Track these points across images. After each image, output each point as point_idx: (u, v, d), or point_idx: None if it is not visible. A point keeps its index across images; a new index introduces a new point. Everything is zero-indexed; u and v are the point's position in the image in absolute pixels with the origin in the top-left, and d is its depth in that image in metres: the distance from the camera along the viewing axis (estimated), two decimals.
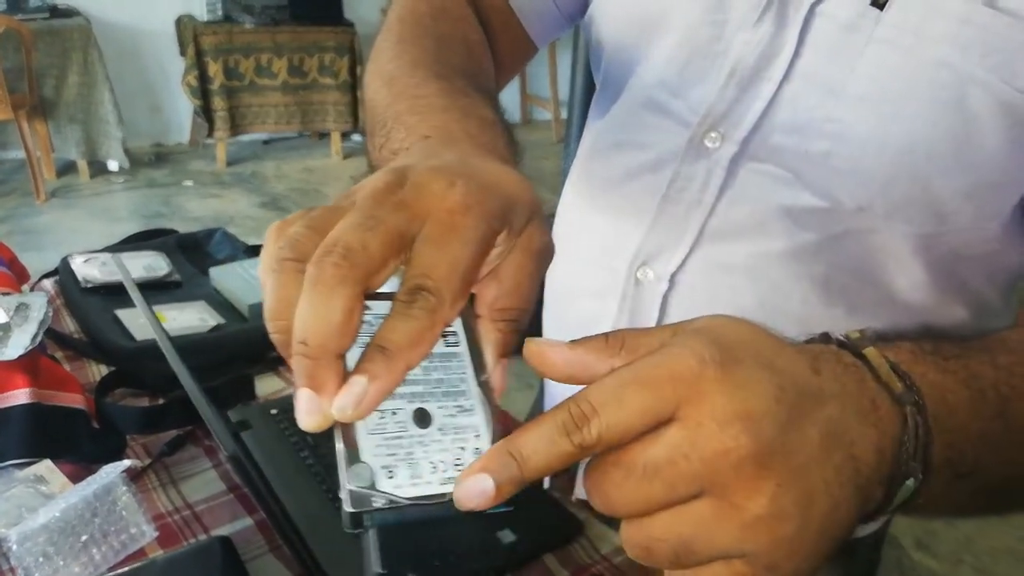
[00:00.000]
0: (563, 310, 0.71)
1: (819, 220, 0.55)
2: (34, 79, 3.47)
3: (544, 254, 0.34)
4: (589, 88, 0.73)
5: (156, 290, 0.98)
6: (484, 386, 0.32)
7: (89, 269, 0.98)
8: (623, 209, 0.63)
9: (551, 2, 0.68)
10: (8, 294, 0.88)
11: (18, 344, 0.77)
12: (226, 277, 0.99)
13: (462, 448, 0.30)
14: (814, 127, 0.53)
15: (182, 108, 4.29)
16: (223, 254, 1.13)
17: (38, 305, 0.85)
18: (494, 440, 0.31)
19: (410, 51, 0.54)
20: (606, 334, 0.31)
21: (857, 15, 0.50)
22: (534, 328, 0.76)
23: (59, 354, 0.87)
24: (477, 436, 0.30)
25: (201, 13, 4.02)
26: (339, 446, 0.29)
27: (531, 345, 0.31)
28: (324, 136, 4.52)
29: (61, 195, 3.70)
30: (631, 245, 0.60)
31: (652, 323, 0.60)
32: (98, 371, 0.85)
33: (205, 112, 4.00)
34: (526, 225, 0.33)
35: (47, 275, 1.04)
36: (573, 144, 1.77)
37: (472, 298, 0.33)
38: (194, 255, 1.11)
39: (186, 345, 0.84)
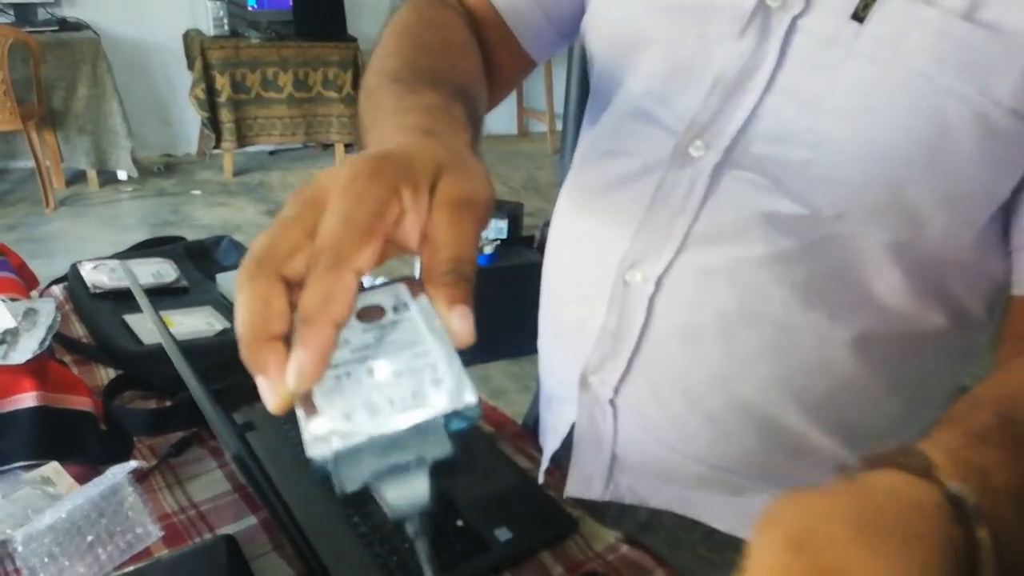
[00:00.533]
0: (557, 314, 0.72)
1: (799, 226, 0.56)
2: (43, 90, 3.51)
3: (466, 203, 0.35)
4: (583, 101, 0.74)
5: (164, 296, 0.99)
6: (440, 334, 0.33)
7: (98, 275, 0.99)
8: (613, 215, 0.64)
9: (544, 20, 0.69)
10: (16, 300, 0.90)
11: (26, 348, 0.79)
12: (233, 283, 1.01)
13: (419, 382, 0.31)
14: (794, 137, 0.54)
15: (190, 120, 4.33)
16: (230, 261, 1.14)
17: (46, 310, 0.86)
18: (453, 369, 0.32)
19: (387, 62, 0.56)
20: None
21: (837, 29, 0.51)
22: (530, 332, 0.77)
23: (68, 358, 0.89)
24: (434, 370, 0.32)
25: (208, 28, 4.07)
26: (298, 411, 0.31)
27: None
28: (328, 147, 4.56)
29: (70, 203, 3.73)
30: (620, 249, 0.62)
31: (639, 325, 0.62)
32: (106, 375, 0.87)
33: (212, 124, 4.04)
34: (436, 181, 0.35)
35: (56, 281, 1.05)
36: (568, 155, 1.79)
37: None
38: (201, 262, 1.12)
39: (193, 349, 0.86)
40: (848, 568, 0.29)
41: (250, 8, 4.22)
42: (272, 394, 0.31)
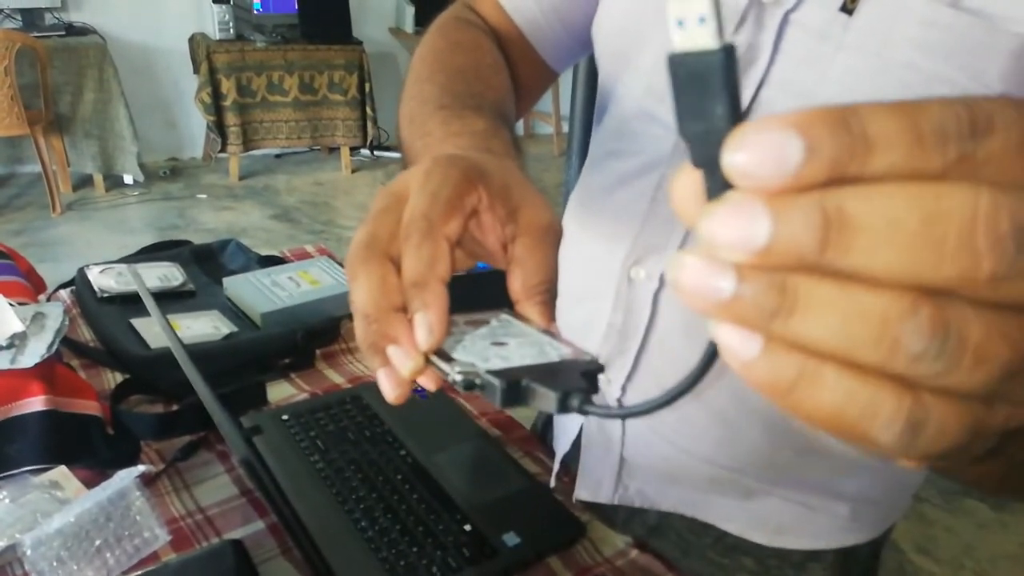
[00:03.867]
0: (564, 312, 0.72)
1: None
2: (50, 95, 3.52)
3: (548, 230, 0.39)
4: (590, 104, 0.75)
5: (171, 300, 0.99)
6: (548, 333, 0.35)
7: (105, 279, 1.00)
8: (617, 213, 0.64)
9: (563, 32, 0.70)
10: (25, 304, 0.90)
11: (34, 352, 0.79)
12: (239, 287, 1.01)
13: (541, 349, 0.33)
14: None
15: (196, 124, 4.35)
16: (236, 264, 1.14)
17: (54, 314, 0.87)
18: (569, 345, 0.33)
19: (425, 89, 0.58)
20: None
21: (827, 22, 0.52)
22: None
23: (75, 362, 0.89)
24: (552, 345, 0.33)
25: (213, 32, 4.08)
26: (437, 363, 0.33)
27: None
28: (334, 151, 4.57)
29: (77, 208, 3.75)
30: (624, 246, 0.62)
31: (644, 321, 0.62)
32: (113, 379, 0.87)
33: (218, 127, 4.05)
34: (515, 207, 0.38)
35: (63, 285, 1.05)
36: (574, 157, 1.79)
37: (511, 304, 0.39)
38: (208, 265, 1.12)
39: (200, 353, 0.85)
40: None
41: (255, 12, 4.23)
42: (406, 359, 0.33)
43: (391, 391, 0.35)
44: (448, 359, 0.32)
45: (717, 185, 0.19)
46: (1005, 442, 0.22)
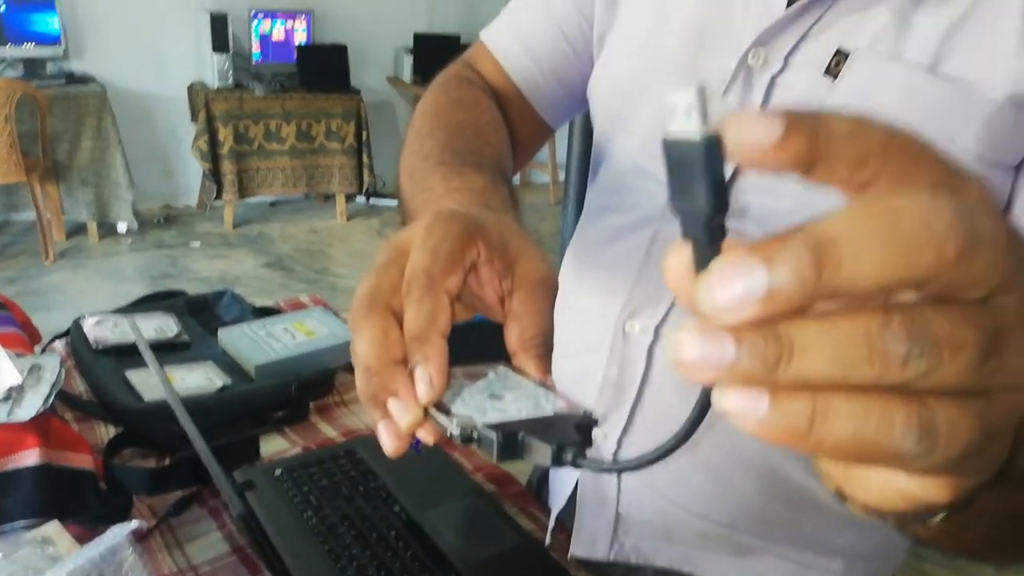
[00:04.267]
0: (560, 366, 0.73)
1: None
2: (48, 143, 3.56)
3: (544, 284, 0.40)
4: (586, 152, 0.78)
5: (165, 351, 0.99)
6: (544, 386, 0.36)
7: (100, 331, 1.00)
8: (612, 267, 0.66)
9: (561, 91, 0.73)
10: (22, 355, 0.90)
11: (31, 405, 0.79)
12: (234, 338, 1.01)
13: (537, 402, 0.34)
14: (778, 188, 0.56)
15: (192, 171, 4.38)
16: (231, 315, 1.14)
17: (51, 366, 0.87)
18: (565, 399, 0.34)
19: (426, 144, 0.60)
20: None
21: (812, 85, 0.54)
22: None
23: (68, 415, 0.88)
24: (547, 399, 0.34)
25: (212, 80, 4.15)
26: (436, 416, 0.34)
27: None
28: (329, 198, 4.61)
29: (70, 256, 3.75)
30: (619, 300, 0.63)
31: (639, 375, 0.63)
32: (106, 432, 0.86)
33: (214, 175, 4.09)
34: (513, 260, 0.40)
35: (58, 336, 1.05)
36: (571, 206, 1.81)
37: (507, 357, 0.39)
38: (203, 316, 1.13)
39: (194, 405, 0.85)
40: None
41: (255, 61, 4.31)
42: (405, 412, 0.34)
43: (390, 444, 0.35)
44: (446, 412, 0.33)
45: (703, 256, 0.21)
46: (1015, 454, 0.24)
